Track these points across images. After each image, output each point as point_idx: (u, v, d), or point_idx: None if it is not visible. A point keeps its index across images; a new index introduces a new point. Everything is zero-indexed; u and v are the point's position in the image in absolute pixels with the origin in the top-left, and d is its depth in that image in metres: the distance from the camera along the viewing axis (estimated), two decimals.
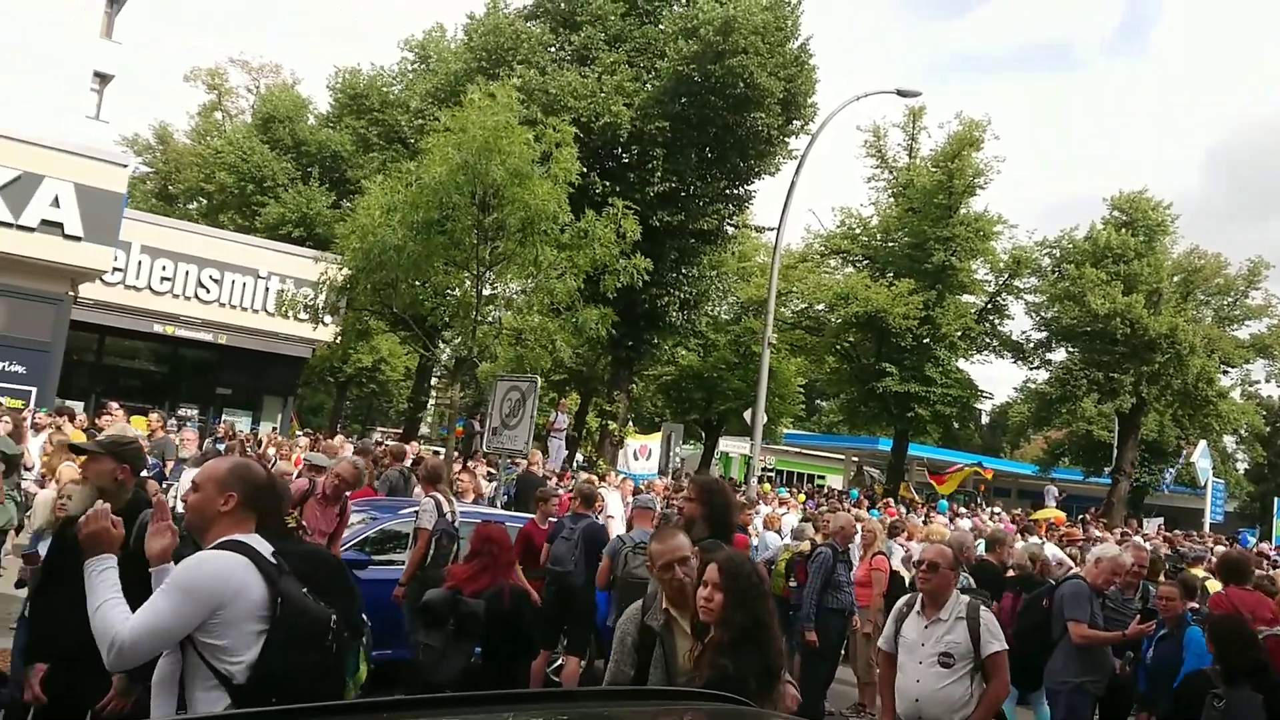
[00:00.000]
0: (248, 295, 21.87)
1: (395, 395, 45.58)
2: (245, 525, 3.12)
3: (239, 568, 2.98)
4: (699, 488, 5.11)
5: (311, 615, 3.03)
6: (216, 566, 2.98)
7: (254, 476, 3.23)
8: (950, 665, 4.69)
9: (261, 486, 3.21)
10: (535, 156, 13.60)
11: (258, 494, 3.18)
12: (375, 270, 13.70)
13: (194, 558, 3.02)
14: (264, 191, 30.93)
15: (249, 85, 41.27)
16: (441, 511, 7.87)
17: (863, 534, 9.59)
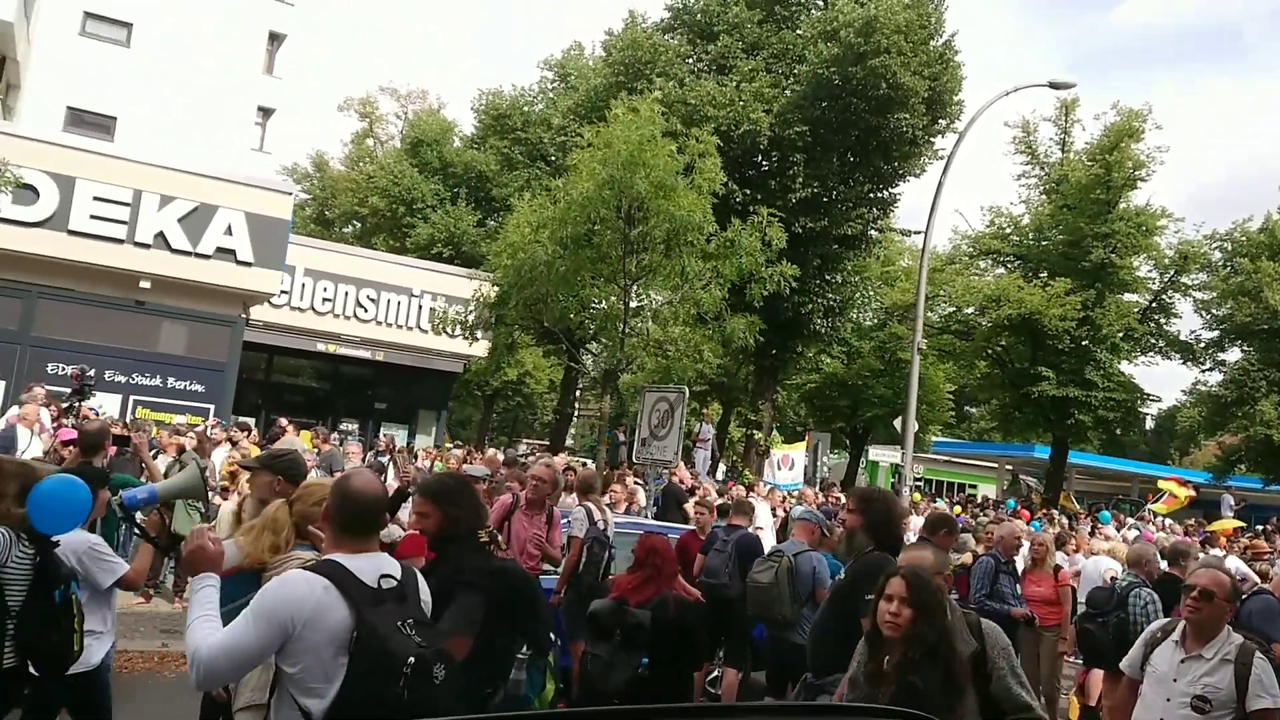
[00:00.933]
0: (402, 313, 22.72)
1: (540, 407, 46.46)
2: (344, 545, 2.98)
3: (317, 591, 2.81)
4: (859, 498, 4.99)
5: (388, 650, 2.75)
6: (293, 589, 2.83)
7: (349, 495, 3.05)
8: (1205, 712, 4.10)
9: (359, 504, 3.03)
10: (679, 168, 13.67)
11: (354, 514, 3.01)
12: (525, 286, 14.04)
13: (278, 578, 2.95)
14: (414, 213, 32.08)
15: (398, 112, 43.01)
16: (593, 520, 7.99)
17: (1033, 548, 9.15)
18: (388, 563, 3.00)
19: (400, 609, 2.87)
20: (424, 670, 2.75)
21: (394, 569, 2.97)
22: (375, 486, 3.15)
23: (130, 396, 16.18)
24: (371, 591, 2.84)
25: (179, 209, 16.06)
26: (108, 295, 16.00)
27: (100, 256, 15.49)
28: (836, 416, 33.06)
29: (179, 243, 16.05)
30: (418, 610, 2.95)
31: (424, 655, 2.77)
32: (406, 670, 2.72)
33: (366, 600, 2.81)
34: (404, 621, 2.82)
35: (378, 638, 2.75)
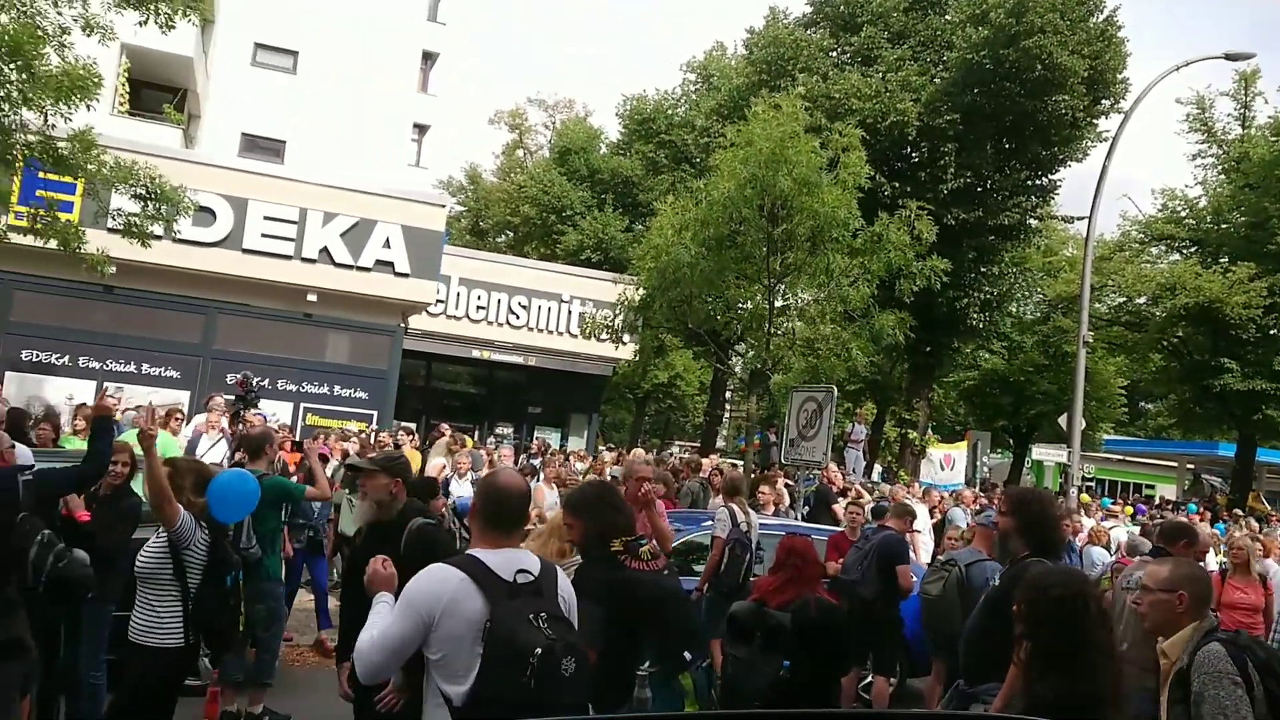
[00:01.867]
0: (553, 319, 23.17)
1: (691, 409, 46.55)
2: (487, 540, 3.09)
3: (454, 582, 2.93)
4: (1012, 499, 4.71)
5: (516, 640, 2.83)
6: (431, 580, 2.97)
7: (492, 493, 3.18)
8: None
9: (501, 502, 3.15)
10: (822, 164, 13.43)
11: (498, 510, 3.13)
12: (670, 288, 14.06)
13: (422, 571, 3.04)
14: (563, 220, 32.72)
15: (546, 122, 44.00)
16: (735, 521, 7.95)
17: (1231, 551, 8.48)
18: (526, 558, 3.07)
19: (533, 602, 2.93)
20: (551, 662, 2.80)
21: (532, 565, 3.05)
22: (518, 486, 3.24)
23: (300, 404, 17.08)
24: (506, 585, 2.93)
25: (341, 225, 16.85)
26: (278, 309, 16.95)
27: (271, 272, 16.42)
28: (998, 415, 31.80)
29: (342, 257, 16.83)
30: (553, 606, 3.00)
31: (552, 647, 2.82)
32: (533, 660, 2.78)
33: (500, 592, 2.90)
34: (536, 614, 2.89)
35: (507, 628, 2.83)
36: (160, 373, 16.29)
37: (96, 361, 15.93)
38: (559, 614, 3.01)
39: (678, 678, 3.80)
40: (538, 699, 2.78)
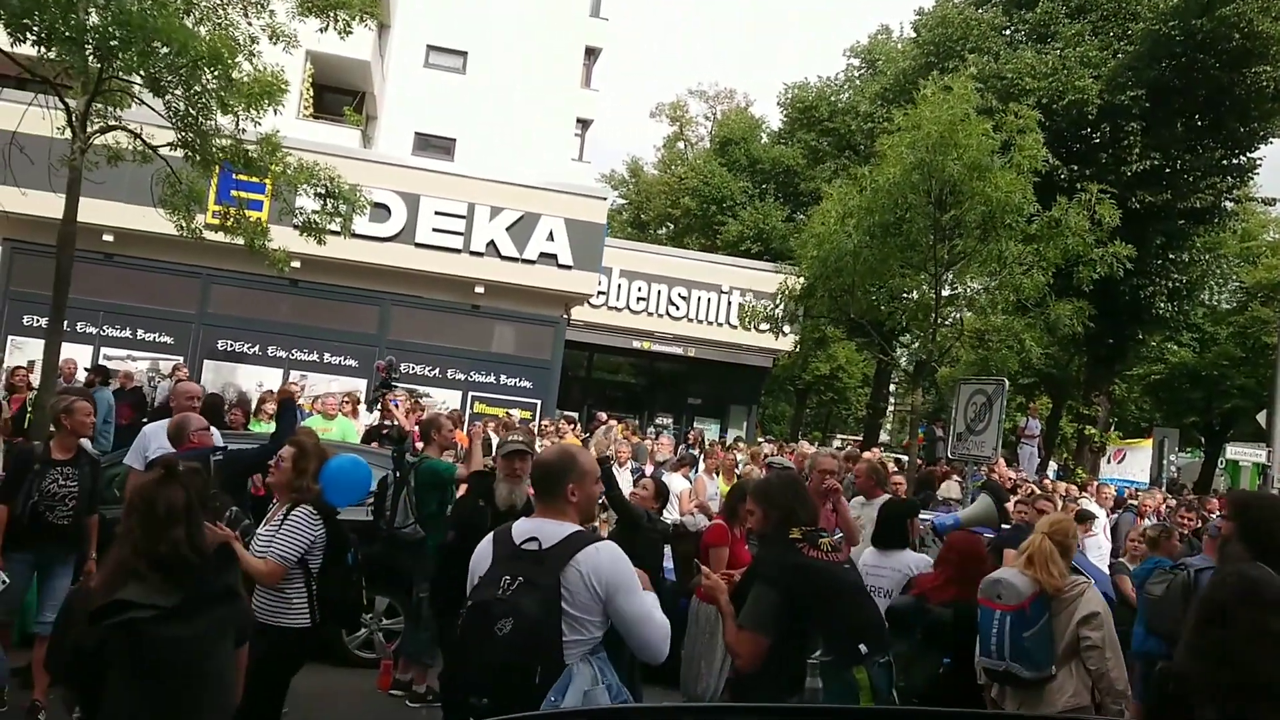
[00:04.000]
0: (713, 310, 23.10)
1: (853, 402, 45.64)
2: (537, 509, 3.42)
3: (485, 543, 3.31)
4: (1235, 503, 4.51)
5: (470, 596, 3.18)
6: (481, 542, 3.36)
7: (534, 465, 3.63)
8: None
9: (536, 473, 3.51)
10: (995, 147, 12.84)
11: (535, 481, 3.51)
12: (832, 277, 13.75)
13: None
14: (724, 211, 32.59)
15: (706, 113, 43.91)
16: None
17: None
18: (548, 529, 3.20)
19: (522, 568, 3.10)
20: (479, 617, 3.03)
21: (550, 536, 3.16)
22: (549, 458, 3.50)
23: (469, 393, 17.67)
24: (512, 548, 3.22)
25: (507, 219, 17.30)
26: (447, 300, 17.57)
27: (441, 265, 17.02)
28: (1187, 410, 29.78)
29: (508, 250, 17.29)
30: (545, 575, 3.07)
31: (486, 605, 3.03)
32: (463, 610, 3.13)
33: (504, 554, 3.20)
34: (513, 577, 3.07)
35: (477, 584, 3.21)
36: (340, 362, 17.18)
37: (283, 351, 16.92)
38: (542, 583, 3.06)
39: (852, 671, 3.68)
40: (463, 647, 3.08)
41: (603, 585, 3.10)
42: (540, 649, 2.99)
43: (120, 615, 2.67)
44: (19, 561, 5.40)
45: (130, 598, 2.70)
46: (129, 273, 15.99)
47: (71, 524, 5.43)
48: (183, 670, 2.84)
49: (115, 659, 2.70)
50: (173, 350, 16.27)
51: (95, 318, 15.64)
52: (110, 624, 2.68)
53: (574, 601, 3.06)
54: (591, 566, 3.11)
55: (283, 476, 4.57)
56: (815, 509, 4.13)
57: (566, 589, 3.06)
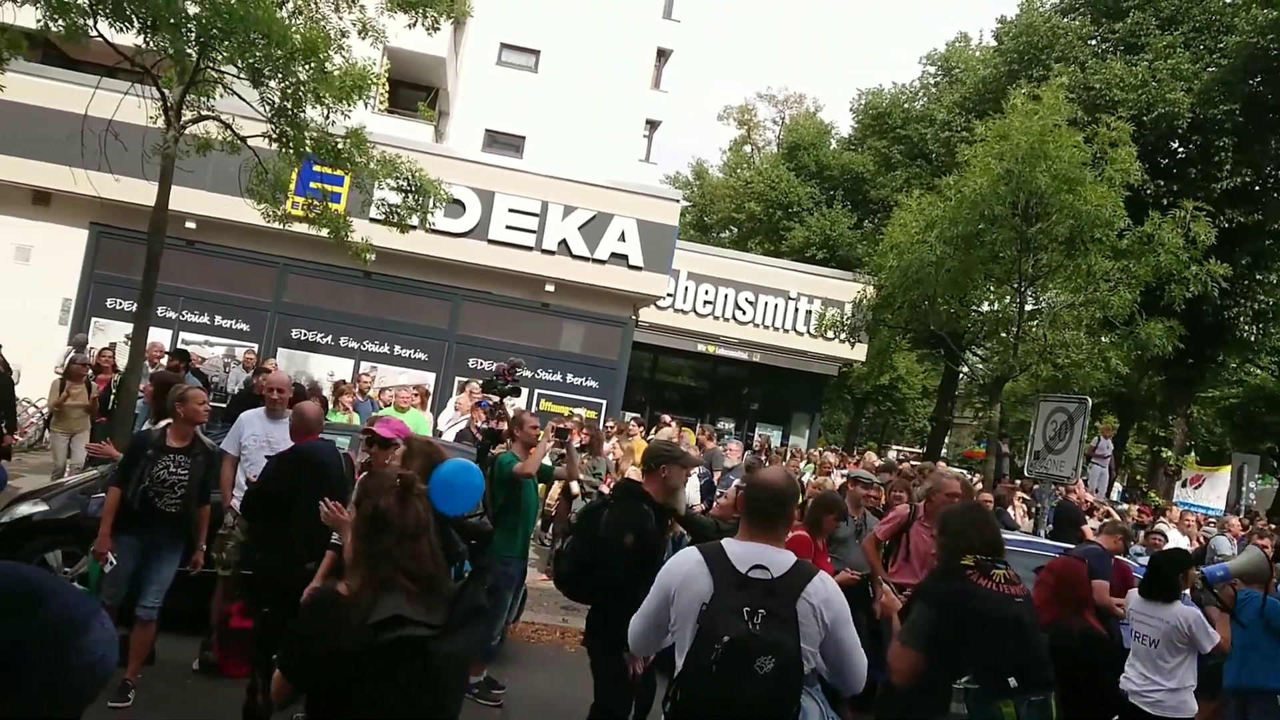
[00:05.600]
0: (779, 316, 22.89)
1: (911, 413, 45.04)
2: (745, 532, 3.19)
3: (691, 563, 3.10)
4: None
5: (713, 627, 2.92)
6: (676, 560, 3.20)
7: (751, 488, 3.33)
8: None
9: (756, 497, 3.25)
10: (1086, 159, 12.51)
11: (752, 504, 3.25)
12: (913, 288, 13.53)
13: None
14: (790, 217, 32.31)
15: (775, 118, 43.64)
16: None
17: None
18: (774, 556, 3.06)
19: (758, 598, 2.94)
20: (738, 653, 2.83)
21: (779, 564, 3.03)
22: (774, 482, 3.27)
23: (536, 391, 17.69)
24: (737, 575, 3.00)
25: (580, 218, 17.27)
26: (518, 297, 17.59)
27: (513, 263, 17.05)
28: (1264, 436, 28.85)
29: (579, 249, 17.26)
30: (783, 607, 2.95)
31: (745, 639, 2.84)
32: (718, 647, 2.85)
33: (729, 581, 2.99)
34: (754, 609, 2.91)
35: (714, 613, 2.94)
36: (410, 354, 17.29)
37: (355, 342, 17.07)
38: (784, 616, 2.95)
39: (998, 704, 3.58)
40: (721, 685, 2.85)
41: (831, 617, 3.03)
42: (796, 687, 2.93)
43: (400, 630, 2.69)
44: (126, 545, 5.45)
45: (405, 614, 2.72)
46: (209, 260, 16.24)
47: (179, 511, 5.45)
48: (446, 686, 2.87)
49: (382, 671, 2.69)
50: (248, 337, 16.49)
51: (175, 303, 15.90)
52: (390, 638, 2.68)
53: (805, 634, 2.98)
54: (822, 598, 3.03)
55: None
56: (995, 537, 4.01)
57: (800, 621, 2.98)
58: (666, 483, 5.09)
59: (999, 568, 3.82)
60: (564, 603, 10.02)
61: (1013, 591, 3.81)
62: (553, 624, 9.65)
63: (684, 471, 5.31)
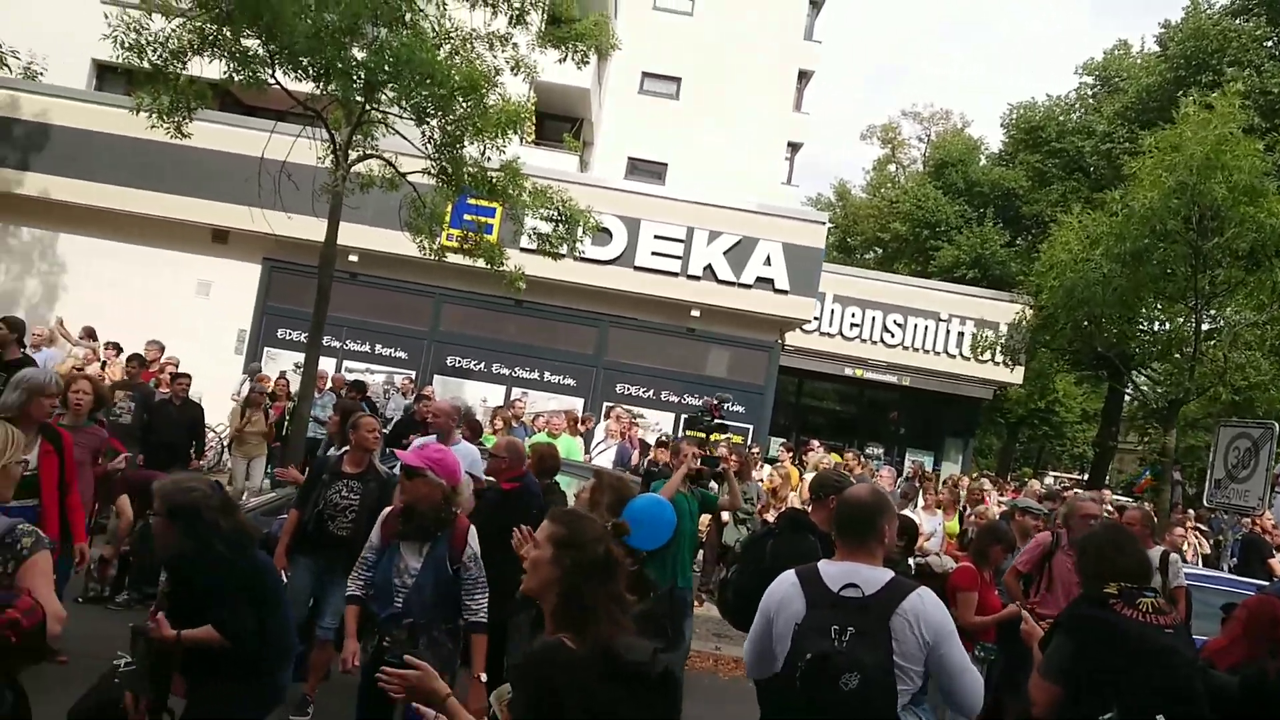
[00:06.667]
0: (929, 338, 22.29)
1: (1070, 438, 43.03)
2: (838, 551, 3.22)
3: (786, 585, 3.15)
4: None
5: (800, 646, 2.95)
6: (775, 583, 3.23)
7: (839, 506, 3.35)
8: None
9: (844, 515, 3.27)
10: (1268, 168, 11.73)
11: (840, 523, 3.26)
12: (1076, 308, 12.93)
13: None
14: (938, 236, 31.51)
15: (920, 135, 42.70)
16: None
17: None
18: (867, 574, 3.07)
19: (848, 616, 2.97)
20: (822, 670, 2.87)
21: (871, 582, 3.04)
22: (863, 499, 3.28)
23: (681, 415, 17.71)
24: (829, 595, 3.03)
25: (724, 243, 17.28)
26: (664, 323, 17.71)
27: (658, 288, 17.19)
28: None
29: (724, 274, 17.26)
30: (874, 625, 2.96)
31: (828, 655, 2.88)
32: (800, 664, 2.91)
33: (821, 600, 3.03)
34: (842, 627, 2.94)
35: (804, 632, 2.98)
36: (560, 380, 17.63)
37: (506, 369, 17.53)
38: (875, 633, 2.95)
39: None
40: (804, 702, 2.91)
41: (931, 633, 3.01)
42: (885, 704, 2.91)
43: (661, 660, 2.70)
44: (303, 566, 5.71)
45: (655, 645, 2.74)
46: (370, 291, 16.99)
47: (350, 535, 5.64)
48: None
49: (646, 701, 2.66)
50: (406, 365, 17.16)
51: (339, 332, 16.69)
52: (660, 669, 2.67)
53: (902, 651, 2.97)
54: (919, 614, 3.02)
55: None
56: (1141, 564, 3.81)
57: (895, 638, 2.97)
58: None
59: (1146, 595, 3.59)
60: (716, 629, 9.98)
61: (1162, 621, 3.60)
62: (705, 650, 9.63)
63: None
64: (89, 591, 8.02)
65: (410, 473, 4.35)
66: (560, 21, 12.10)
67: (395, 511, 4.51)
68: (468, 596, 4.33)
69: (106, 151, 15.88)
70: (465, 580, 4.34)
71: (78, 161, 16.05)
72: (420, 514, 4.36)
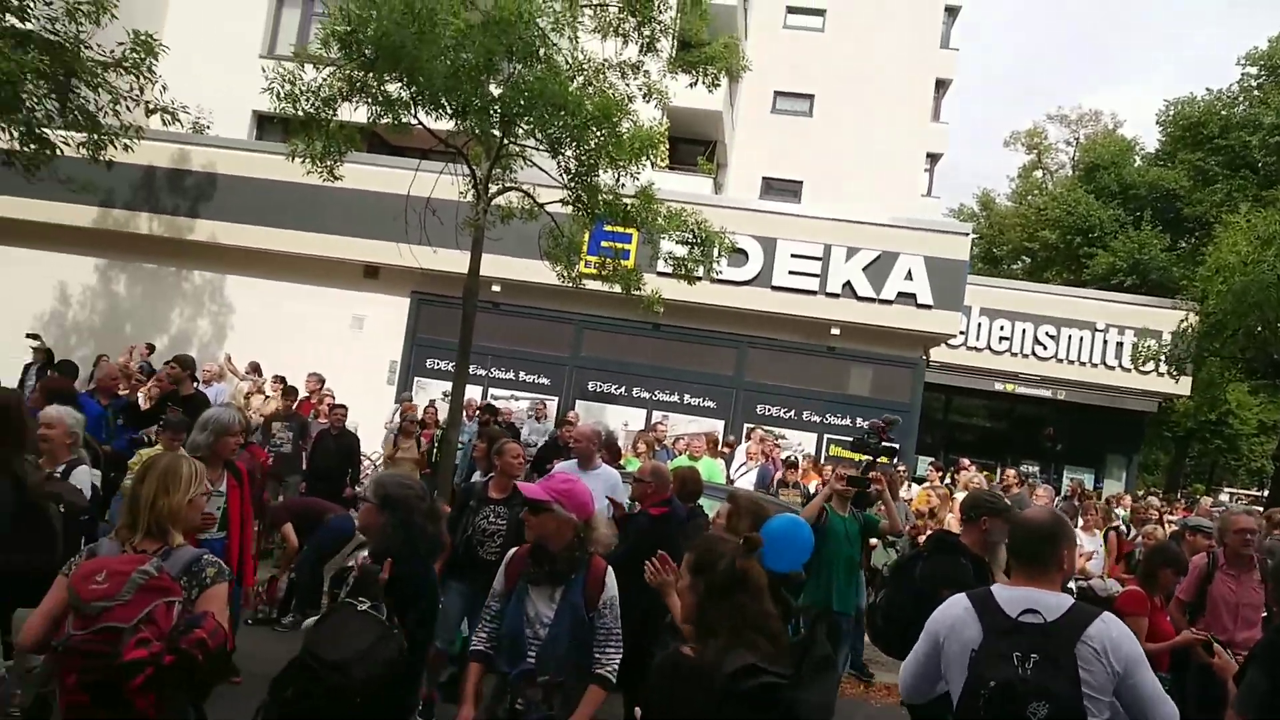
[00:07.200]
0: (1084, 349, 21.30)
1: (1245, 452, 40.25)
2: (1014, 576, 3.15)
3: (958, 609, 3.07)
4: None
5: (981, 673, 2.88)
6: (944, 606, 3.16)
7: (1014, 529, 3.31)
8: None
9: (1020, 539, 3.20)
10: None
11: (1016, 547, 3.18)
12: (1248, 312, 12.12)
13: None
14: (1091, 242, 30.19)
15: (1068, 139, 41.00)
16: None
17: None
18: (1047, 600, 2.97)
19: (1030, 643, 2.87)
20: (1007, 698, 2.79)
21: (1052, 608, 2.94)
22: (1040, 523, 3.18)
23: (824, 435, 17.43)
24: (1007, 620, 2.95)
25: (864, 259, 16.95)
26: (803, 342, 17.47)
27: (797, 308, 16.97)
28: None
29: (864, 290, 16.91)
30: (1060, 651, 2.85)
31: (1012, 684, 2.79)
32: (983, 693, 2.84)
33: (998, 626, 2.94)
34: (1025, 654, 2.85)
35: (984, 659, 2.91)
36: (699, 403, 17.60)
37: (646, 392, 17.63)
38: (1060, 661, 2.84)
39: None
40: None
41: (1120, 661, 2.87)
42: None
43: (757, 679, 2.76)
44: (455, 591, 5.87)
45: (760, 663, 2.79)
46: (513, 319, 17.41)
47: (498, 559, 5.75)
48: None
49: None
50: (549, 391, 17.48)
51: (485, 360, 17.14)
52: (748, 686, 2.75)
53: (1090, 680, 2.84)
54: (1107, 641, 2.88)
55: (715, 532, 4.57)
56: None
57: (1083, 666, 2.85)
58: (987, 536, 4.79)
59: None
60: (867, 655, 9.73)
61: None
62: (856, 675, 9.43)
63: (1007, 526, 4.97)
64: (257, 613, 8.44)
65: (535, 507, 3.89)
66: (691, 46, 12.18)
67: (522, 553, 4.02)
68: (599, 648, 3.81)
69: (266, 196, 16.87)
70: (599, 629, 3.82)
71: (241, 207, 17.10)
72: (551, 555, 3.86)
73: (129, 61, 12.56)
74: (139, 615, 2.97)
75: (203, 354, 16.14)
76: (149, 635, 2.95)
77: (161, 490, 3.30)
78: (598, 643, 3.80)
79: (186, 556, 3.25)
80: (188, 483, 3.41)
